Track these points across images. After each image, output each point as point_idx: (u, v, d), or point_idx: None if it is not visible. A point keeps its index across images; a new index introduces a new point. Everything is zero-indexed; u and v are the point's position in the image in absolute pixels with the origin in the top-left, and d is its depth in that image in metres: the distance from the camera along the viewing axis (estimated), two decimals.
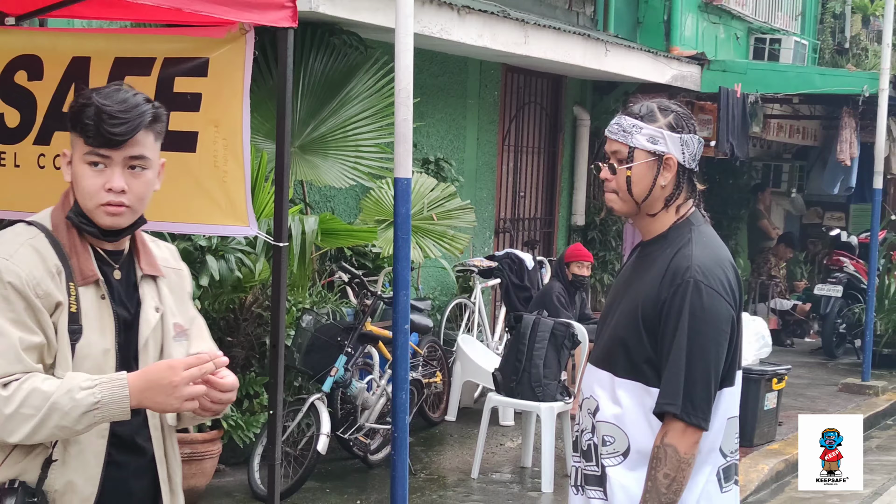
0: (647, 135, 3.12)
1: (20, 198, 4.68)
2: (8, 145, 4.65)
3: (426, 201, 8.80)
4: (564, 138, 13.32)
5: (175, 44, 4.39)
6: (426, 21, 8.58)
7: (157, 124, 2.72)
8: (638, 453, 3.13)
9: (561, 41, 10.84)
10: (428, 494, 7.59)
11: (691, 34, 14.97)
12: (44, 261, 2.64)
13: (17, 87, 4.63)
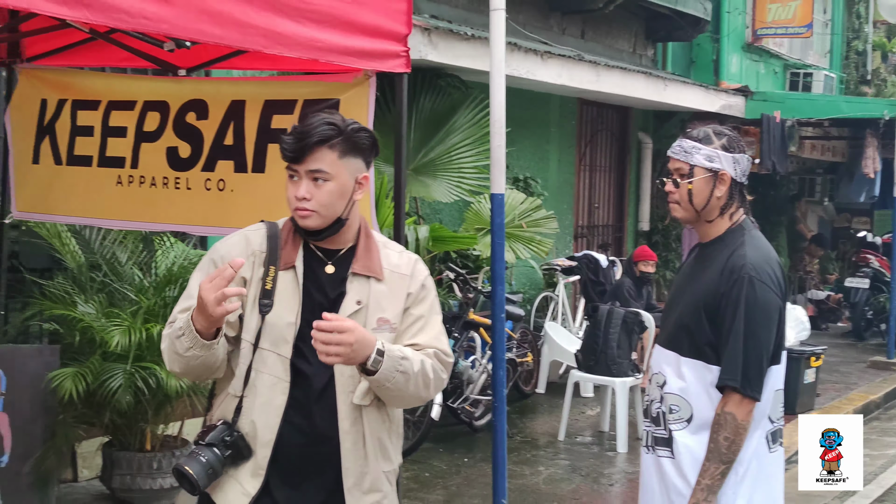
0: (704, 155, 3.15)
1: (190, 214, 4.78)
2: (181, 172, 4.74)
3: (517, 212, 8.82)
4: (631, 159, 13.28)
5: (313, 88, 4.44)
6: (515, 65, 8.59)
7: (335, 143, 2.72)
8: (699, 420, 3.15)
9: (627, 79, 10.80)
10: (523, 454, 7.61)
11: (736, 70, 14.85)
12: (248, 245, 2.83)
13: (188, 125, 4.72)
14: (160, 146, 4.79)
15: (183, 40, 3.90)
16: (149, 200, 4.84)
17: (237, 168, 4.58)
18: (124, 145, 4.90)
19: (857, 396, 10.17)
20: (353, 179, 2.77)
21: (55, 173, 5.14)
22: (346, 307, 2.74)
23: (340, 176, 2.74)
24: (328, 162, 2.72)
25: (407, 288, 2.84)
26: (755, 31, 15.19)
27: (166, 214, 4.85)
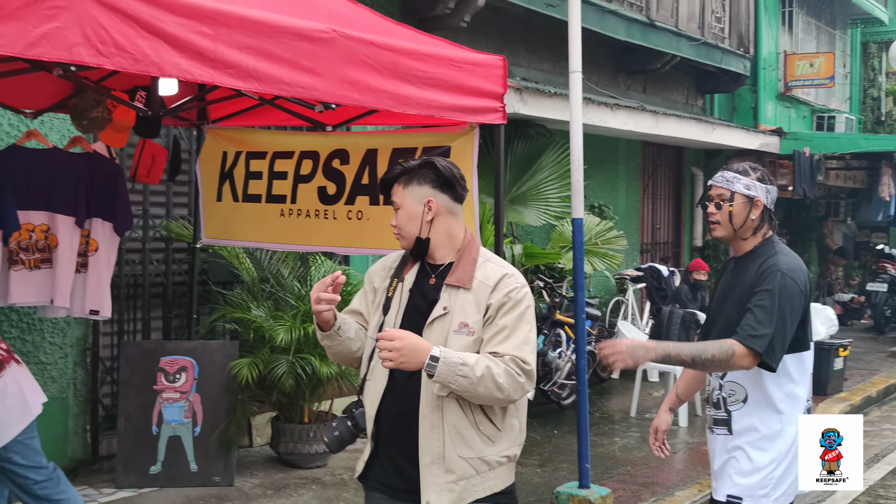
0: (744, 184, 3.13)
1: (336, 238, 4.85)
2: (329, 206, 4.81)
3: (593, 233, 8.73)
4: (685, 188, 13.07)
5: (429, 138, 4.47)
6: (590, 115, 8.53)
7: (400, 179, 2.74)
8: (753, 399, 3.09)
9: (681, 124, 10.63)
10: (601, 427, 7.52)
11: (772, 115, 14.53)
12: (384, 266, 2.92)
13: (334, 169, 4.80)
14: (313, 186, 4.88)
15: (329, 103, 3.98)
16: (304, 228, 4.93)
17: (371, 202, 4.64)
18: (285, 186, 5.01)
19: (879, 380, 9.81)
20: (420, 204, 2.72)
21: (234, 209, 5.27)
22: (435, 311, 2.71)
23: (406, 204, 2.73)
24: (399, 194, 2.74)
25: (488, 298, 2.70)
26: (787, 83, 14.92)
27: (318, 239, 4.94)
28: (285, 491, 5.71)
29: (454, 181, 2.75)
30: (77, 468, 5.77)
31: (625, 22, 10.26)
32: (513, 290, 2.69)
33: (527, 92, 7.94)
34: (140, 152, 5.26)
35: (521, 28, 9.35)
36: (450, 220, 2.77)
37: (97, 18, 2.59)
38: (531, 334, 2.70)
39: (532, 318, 2.73)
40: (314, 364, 5.89)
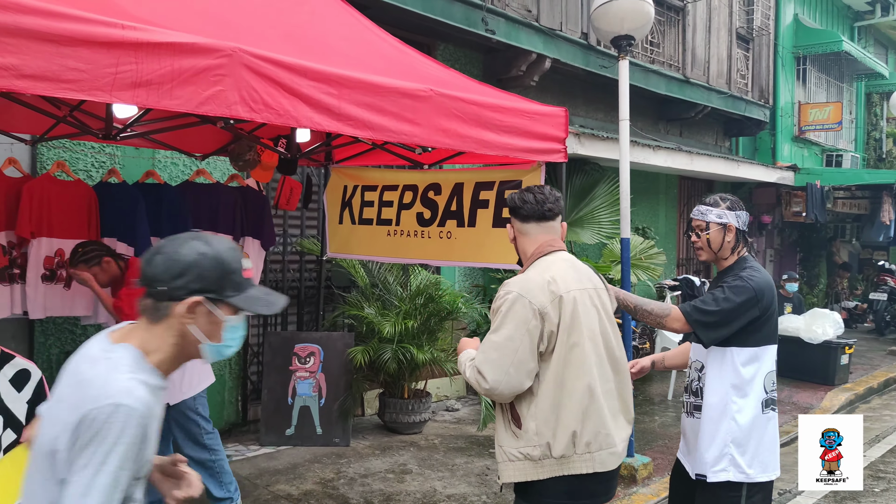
0: (715, 214, 2.97)
1: (430, 253, 4.83)
2: (425, 227, 4.82)
3: (637, 250, 8.55)
4: None
5: (505, 173, 4.45)
6: (635, 155, 8.39)
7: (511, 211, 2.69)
8: (714, 392, 2.86)
9: (711, 162, 10.33)
10: (643, 407, 7.33)
11: (788, 154, 13.98)
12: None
13: (429, 198, 4.81)
14: (413, 212, 4.90)
15: (426, 147, 4.01)
16: (405, 245, 4.95)
17: (458, 224, 4.63)
18: (391, 212, 5.04)
19: (880, 374, 9.28)
20: (511, 230, 2.70)
21: (351, 230, 5.35)
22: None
23: (510, 229, 2.71)
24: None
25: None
26: (801, 127, 14.34)
27: (416, 253, 4.95)
28: (389, 451, 5.75)
29: (514, 207, 2.67)
30: (230, 429, 5.93)
31: (665, 79, 10.06)
32: (496, 299, 2.51)
33: (584, 136, 7.86)
34: (281, 186, 5.39)
35: (580, 85, 9.26)
36: (522, 239, 2.67)
37: (250, 83, 2.67)
38: (491, 336, 2.46)
39: (499, 326, 2.43)
40: (412, 352, 5.93)
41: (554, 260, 2.57)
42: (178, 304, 1.58)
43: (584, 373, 2.43)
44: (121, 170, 5.00)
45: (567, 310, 2.43)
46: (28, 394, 2.84)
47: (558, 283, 2.47)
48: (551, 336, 2.42)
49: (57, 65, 2.25)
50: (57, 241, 4.16)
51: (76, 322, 4.95)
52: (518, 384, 2.40)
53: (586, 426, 2.42)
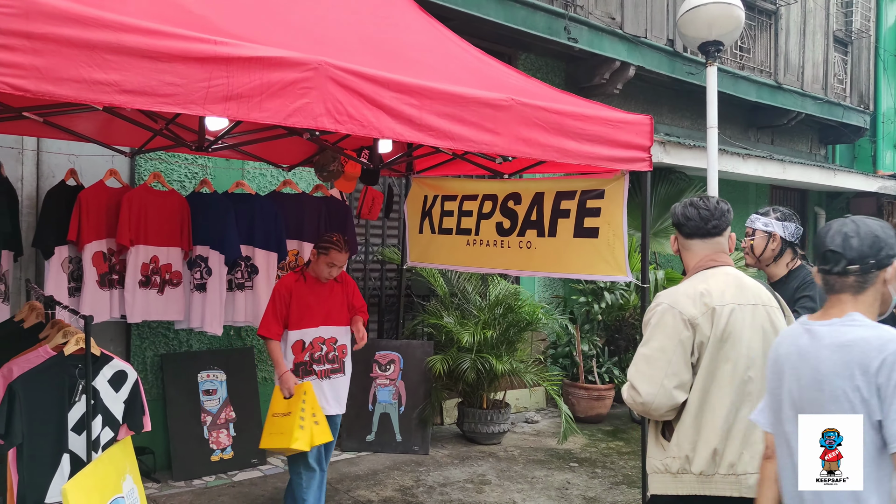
0: (762, 223, 3.21)
1: (509, 263, 4.79)
2: (504, 237, 4.78)
3: None
4: (809, 225, 12.11)
5: (587, 183, 4.38)
6: (724, 163, 8.12)
7: (675, 226, 2.64)
8: None
9: (805, 171, 9.89)
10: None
11: (890, 162, 13.23)
12: None
13: (509, 208, 4.78)
14: (492, 221, 4.88)
15: (507, 156, 4.00)
16: (485, 254, 4.93)
17: (538, 234, 4.58)
18: (471, 221, 5.04)
19: None
20: (675, 243, 2.66)
21: (431, 239, 5.38)
22: None
23: (673, 241, 2.69)
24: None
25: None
26: None
27: (495, 263, 4.92)
28: (468, 461, 5.74)
29: (678, 223, 2.60)
30: None
31: (755, 85, 9.72)
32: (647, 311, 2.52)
33: (669, 145, 7.68)
34: (364, 196, 5.49)
35: (665, 92, 9.06)
36: (685, 253, 2.62)
37: (335, 95, 2.73)
38: (642, 349, 2.42)
39: (649, 339, 2.40)
40: (491, 362, 5.91)
41: (714, 273, 2.49)
42: (883, 270, 1.91)
43: (733, 391, 2.32)
44: (212, 180, 5.20)
45: (720, 323, 2.34)
46: (125, 394, 2.98)
47: (713, 295, 2.38)
48: (702, 347, 2.33)
49: (155, 80, 2.36)
50: (153, 249, 4.37)
51: (169, 326, 5.17)
52: (672, 399, 2.32)
53: (730, 445, 2.30)
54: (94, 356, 2.90)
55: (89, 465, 2.68)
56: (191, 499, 4.70)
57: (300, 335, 3.89)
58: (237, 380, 5.49)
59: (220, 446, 5.27)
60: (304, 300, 3.89)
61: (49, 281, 4.06)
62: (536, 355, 7.21)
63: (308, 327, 3.90)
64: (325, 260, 3.85)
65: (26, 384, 2.73)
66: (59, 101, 2.27)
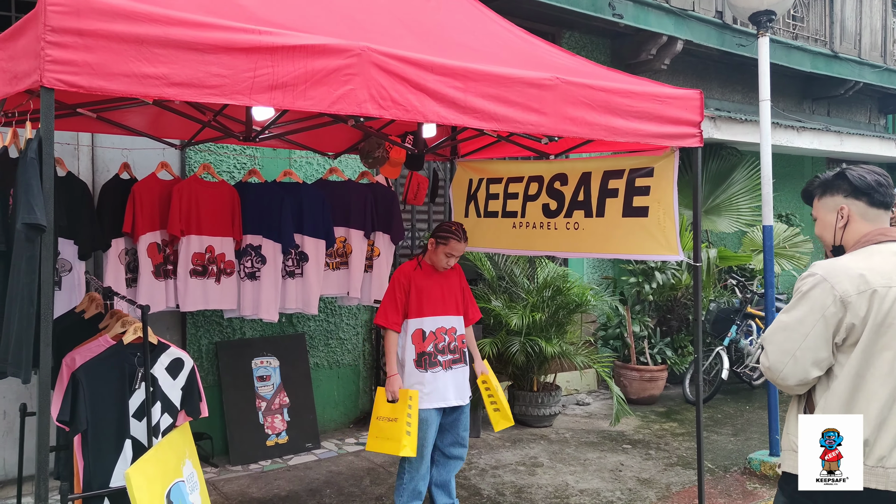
0: None
1: (556, 245, 4.73)
2: (551, 219, 4.73)
3: (781, 237, 8.06)
4: None
5: (636, 161, 4.30)
6: (777, 137, 7.90)
7: (819, 192, 2.40)
8: None
9: (864, 142, 9.56)
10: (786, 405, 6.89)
11: None
12: None
13: (555, 189, 4.72)
14: (538, 203, 4.83)
15: (553, 136, 3.95)
16: (532, 237, 4.89)
17: (586, 215, 4.53)
18: (517, 204, 4.99)
19: None
20: (834, 213, 2.36)
21: (477, 223, 5.36)
22: None
23: (821, 214, 2.41)
24: (814, 206, 2.44)
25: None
26: None
27: (542, 245, 4.87)
28: (519, 444, 5.74)
29: (868, 188, 2.31)
30: (365, 418, 6.13)
31: (810, 55, 9.40)
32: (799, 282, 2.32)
33: (720, 120, 7.49)
34: (409, 181, 5.49)
35: (714, 66, 8.83)
36: (857, 224, 2.32)
37: (379, 81, 2.73)
38: (782, 316, 2.28)
39: (792, 307, 2.24)
40: (541, 344, 5.88)
41: (882, 249, 2.25)
42: None
43: (892, 381, 2.15)
44: (260, 170, 5.27)
45: (882, 307, 2.14)
46: (182, 381, 3.05)
47: (879, 274, 2.17)
48: (852, 329, 2.16)
49: (202, 72, 2.39)
50: (207, 239, 4.45)
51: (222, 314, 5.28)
52: (804, 373, 2.21)
53: (882, 438, 2.17)
54: (152, 345, 2.97)
55: (150, 451, 2.76)
56: (248, 482, 4.81)
57: (419, 324, 3.87)
58: (290, 366, 5.59)
59: (275, 431, 5.37)
60: (422, 289, 3.87)
61: (108, 272, 4.17)
62: (586, 337, 7.16)
63: (428, 316, 3.89)
64: (443, 249, 3.82)
65: (89, 373, 2.82)
66: (110, 95, 2.33)
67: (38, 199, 2.21)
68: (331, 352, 5.96)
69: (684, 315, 7.54)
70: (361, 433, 5.90)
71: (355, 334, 6.09)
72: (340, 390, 6.03)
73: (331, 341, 5.96)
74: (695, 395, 4.86)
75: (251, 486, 4.74)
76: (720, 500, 4.63)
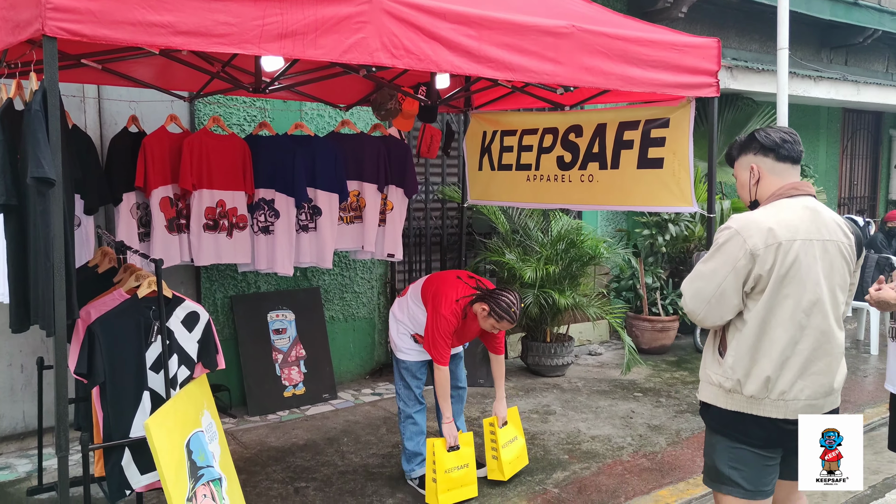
0: None
1: (571, 197, 4.67)
2: (565, 171, 4.67)
3: None
4: (882, 149, 11.48)
5: (651, 111, 4.19)
6: (794, 87, 7.68)
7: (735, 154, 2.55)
8: None
9: (882, 91, 9.30)
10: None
11: None
12: None
13: (570, 141, 4.65)
14: (552, 156, 4.76)
15: (568, 86, 3.84)
16: (546, 190, 4.83)
17: (601, 167, 4.45)
18: (531, 156, 4.92)
19: None
20: (747, 171, 2.50)
21: (491, 176, 5.29)
22: None
23: (738, 174, 2.55)
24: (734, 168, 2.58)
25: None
26: None
27: (556, 198, 4.81)
28: (532, 393, 5.75)
29: (774, 145, 2.43)
30: (381, 370, 6.15)
31: (829, 2, 9.09)
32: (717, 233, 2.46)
33: (737, 69, 7.30)
34: (422, 134, 5.40)
35: (732, 14, 8.57)
36: (768, 179, 2.45)
37: (391, 28, 2.63)
38: (700, 265, 2.44)
39: (709, 257, 2.41)
40: (554, 297, 5.84)
41: (792, 204, 2.40)
42: None
43: (793, 326, 2.33)
44: (271, 122, 5.18)
45: (787, 259, 2.31)
46: (198, 334, 3.03)
47: (785, 228, 2.33)
48: (759, 279, 2.33)
49: (209, 20, 2.30)
50: (218, 193, 4.39)
51: (236, 268, 5.25)
52: (717, 317, 2.39)
53: (784, 375, 2.34)
54: (167, 298, 2.95)
55: (169, 402, 2.75)
56: (266, 432, 4.85)
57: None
58: (305, 319, 5.58)
59: (292, 382, 5.40)
60: (457, 333, 3.80)
61: (120, 227, 4.13)
62: (599, 289, 7.11)
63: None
64: (493, 323, 3.66)
65: (104, 326, 2.80)
66: (115, 45, 2.24)
67: (45, 152, 2.15)
68: (346, 305, 5.95)
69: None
70: (377, 384, 5.92)
71: (370, 288, 6.06)
72: (356, 343, 6.03)
73: (345, 295, 5.95)
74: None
75: (269, 436, 4.78)
76: None
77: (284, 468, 4.25)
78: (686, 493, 3.91)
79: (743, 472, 2.41)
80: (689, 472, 4.21)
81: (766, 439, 2.38)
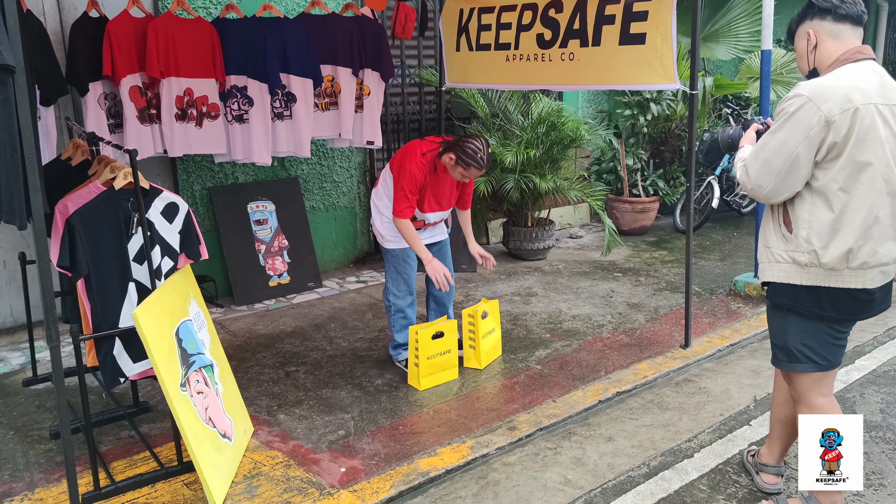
0: None
1: (551, 77, 4.58)
2: (545, 50, 4.56)
3: (779, 63, 7.81)
4: (869, 19, 11.25)
5: None
6: None
7: (795, 23, 2.42)
8: None
9: None
10: None
11: None
12: None
13: (550, 17, 4.51)
14: (532, 33, 4.63)
15: None
16: (525, 70, 4.74)
17: (581, 44, 4.35)
18: (510, 35, 4.80)
19: None
20: (804, 39, 2.41)
21: (469, 57, 5.16)
22: None
23: (796, 44, 2.44)
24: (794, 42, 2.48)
25: None
26: None
27: (537, 79, 4.73)
28: (514, 276, 5.87)
29: (832, 5, 2.33)
30: (364, 258, 6.23)
31: None
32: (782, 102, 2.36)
33: None
34: (396, 13, 5.22)
35: None
36: (828, 43, 2.36)
37: None
38: (767, 136, 2.34)
39: (778, 128, 2.30)
40: (535, 181, 5.86)
41: (862, 68, 2.29)
42: None
43: (873, 193, 2.26)
44: (238, 4, 4.97)
45: (864, 124, 2.21)
46: (179, 225, 3.02)
47: (860, 92, 2.22)
48: (833, 147, 2.24)
49: None
50: (185, 81, 4.26)
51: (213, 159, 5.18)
52: (788, 189, 2.31)
53: (865, 246, 2.30)
54: (144, 190, 2.91)
55: (155, 292, 2.78)
56: (254, 321, 4.95)
57: (419, 216, 3.86)
58: (286, 209, 5.58)
59: (277, 272, 5.46)
60: (430, 187, 3.77)
61: (88, 118, 4.03)
62: (580, 172, 7.13)
63: (427, 213, 3.86)
64: (461, 171, 3.64)
65: (83, 218, 2.78)
66: None
67: (2, 38, 2.06)
68: (326, 195, 5.93)
69: (678, 146, 7.48)
70: (361, 271, 6.01)
71: (349, 177, 6.03)
72: (338, 232, 6.07)
73: (325, 184, 5.92)
74: (685, 225, 4.90)
75: (258, 324, 4.88)
76: (705, 320, 4.80)
77: (274, 354, 4.37)
78: (664, 366, 4.08)
79: (815, 348, 2.42)
80: (666, 346, 4.38)
81: (843, 311, 2.36)
